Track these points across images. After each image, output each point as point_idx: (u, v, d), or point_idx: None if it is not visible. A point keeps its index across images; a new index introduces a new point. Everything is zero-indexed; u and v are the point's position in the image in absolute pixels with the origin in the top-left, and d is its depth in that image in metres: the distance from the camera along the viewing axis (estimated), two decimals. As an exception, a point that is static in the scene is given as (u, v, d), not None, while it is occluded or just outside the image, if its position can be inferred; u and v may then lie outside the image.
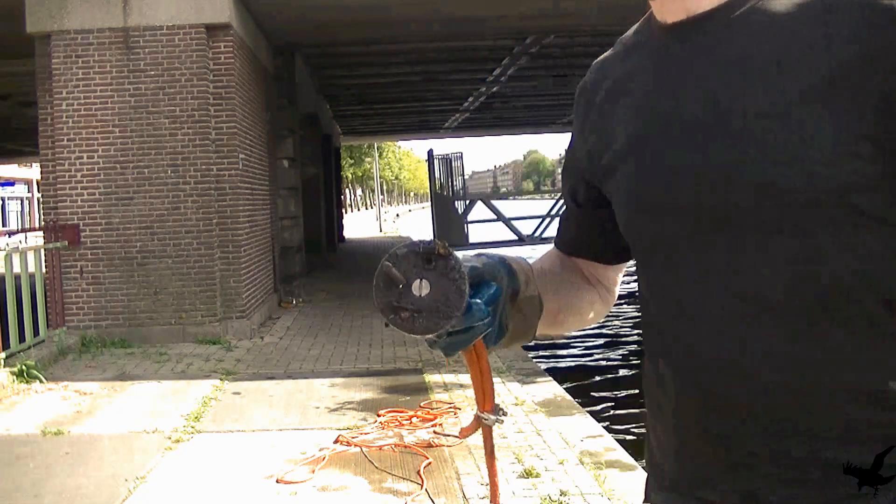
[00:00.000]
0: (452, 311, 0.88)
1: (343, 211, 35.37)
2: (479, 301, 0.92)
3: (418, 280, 0.90)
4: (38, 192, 22.52)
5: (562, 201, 1.27)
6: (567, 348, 12.75)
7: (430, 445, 5.40)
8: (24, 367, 7.56)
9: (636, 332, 12.93)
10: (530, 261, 1.12)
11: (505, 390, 6.79)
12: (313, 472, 4.99)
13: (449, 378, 7.34)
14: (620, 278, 1.24)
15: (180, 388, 7.38)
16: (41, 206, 11.17)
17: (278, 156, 13.81)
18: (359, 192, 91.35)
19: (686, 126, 0.90)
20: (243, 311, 10.09)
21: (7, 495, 4.79)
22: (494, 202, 23.33)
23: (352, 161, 62.38)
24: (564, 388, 7.18)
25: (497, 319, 0.95)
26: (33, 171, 41.81)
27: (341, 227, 30.12)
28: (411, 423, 5.96)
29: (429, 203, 23.54)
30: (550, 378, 7.45)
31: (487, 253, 1.00)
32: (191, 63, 9.81)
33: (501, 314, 0.96)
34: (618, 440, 5.69)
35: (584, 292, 1.20)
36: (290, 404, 6.70)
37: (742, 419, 0.86)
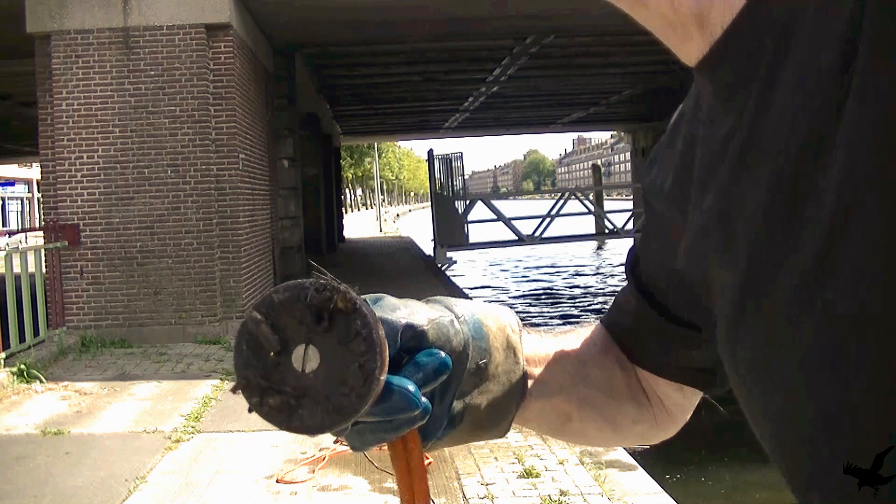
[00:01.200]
0: (352, 405, 0.57)
1: (343, 211, 35.39)
2: (405, 384, 0.60)
3: (303, 346, 0.58)
4: (38, 192, 22.54)
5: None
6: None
7: (430, 445, 5.40)
8: (24, 367, 7.56)
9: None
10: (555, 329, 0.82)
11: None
12: (313, 472, 4.99)
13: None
14: (694, 404, 0.82)
15: (180, 388, 7.38)
16: (41, 206, 11.18)
17: (278, 156, 13.82)
18: (359, 192, 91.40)
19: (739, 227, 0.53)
20: (243, 311, 10.09)
21: (7, 495, 4.79)
22: (494, 202, 23.35)
23: (352, 161, 62.41)
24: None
25: (446, 406, 0.65)
26: (33, 171, 41.82)
27: (341, 227, 30.13)
28: (411, 423, 5.96)
29: (429, 203, 23.55)
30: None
31: (448, 301, 0.68)
32: (191, 63, 9.81)
33: (453, 397, 0.65)
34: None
35: (625, 402, 0.80)
36: (290, 404, 6.70)
37: None
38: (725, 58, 0.54)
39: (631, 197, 30.70)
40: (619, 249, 31.21)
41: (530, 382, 0.73)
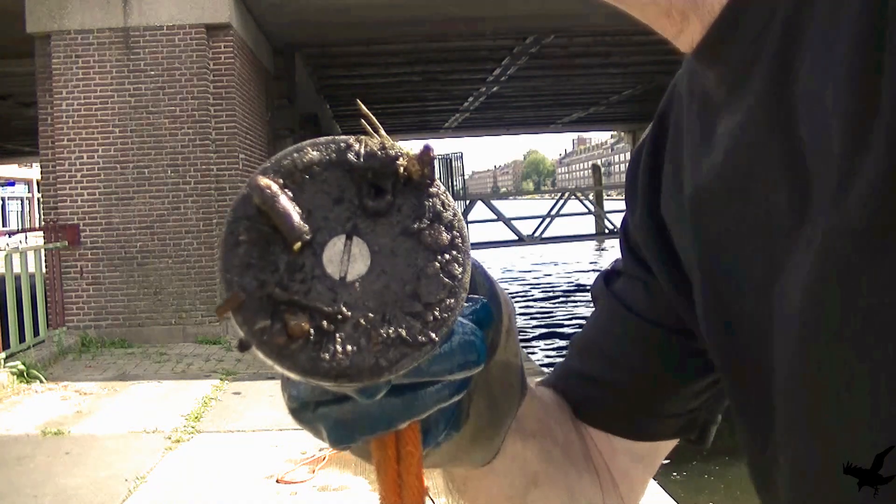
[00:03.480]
0: (426, 332, 0.37)
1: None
2: (468, 323, 0.42)
3: (341, 239, 0.38)
4: (38, 192, 22.55)
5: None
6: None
7: (430, 445, 5.40)
8: (24, 367, 7.56)
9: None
10: None
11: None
12: (313, 472, 4.99)
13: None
14: (644, 487, 0.70)
15: (180, 388, 7.38)
16: (41, 206, 11.18)
17: (278, 156, 13.81)
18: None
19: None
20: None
21: (7, 495, 4.79)
22: (494, 202, 23.35)
23: (352, 161, 62.39)
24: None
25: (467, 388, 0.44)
26: (33, 171, 41.81)
27: (341, 227, 30.06)
28: (411, 423, 5.96)
29: (429, 203, 23.51)
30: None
31: None
32: (191, 63, 9.81)
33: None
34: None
35: (584, 474, 0.66)
36: (290, 404, 6.69)
37: None
38: (728, 37, 0.48)
39: (631, 197, 30.55)
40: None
41: None
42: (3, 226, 42.75)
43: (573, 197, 24.20)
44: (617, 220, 24.33)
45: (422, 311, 0.37)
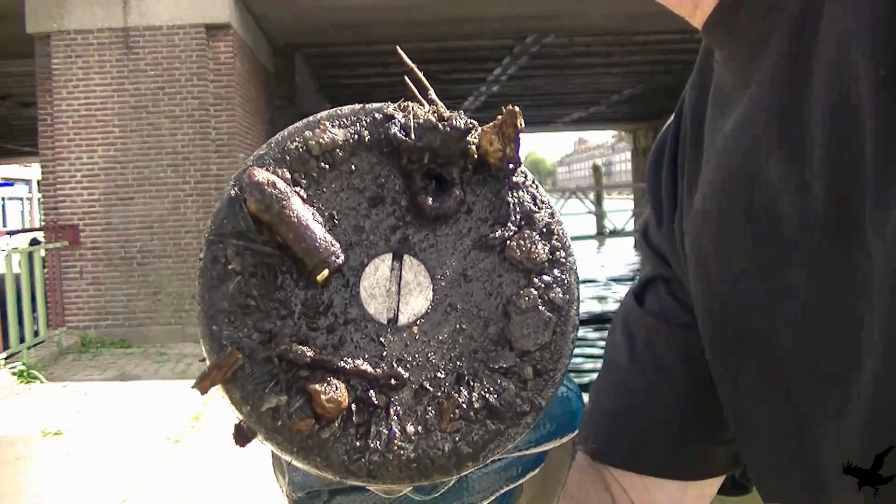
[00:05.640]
0: (525, 395, 0.25)
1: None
2: (570, 386, 0.34)
3: (388, 261, 0.25)
4: (38, 192, 22.55)
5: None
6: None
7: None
8: (24, 367, 7.56)
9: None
10: None
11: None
12: (313, 472, 5.00)
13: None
14: None
15: (180, 388, 7.38)
16: (41, 206, 11.18)
17: (278, 156, 13.80)
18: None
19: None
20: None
21: (7, 495, 4.79)
22: (495, 202, 23.33)
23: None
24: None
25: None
26: (33, 171, 41.81)
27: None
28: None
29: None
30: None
31: None
32: (191, 63, 9.81)
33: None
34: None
35: None
36: (290, 404, 6.69)
37: None
38: (739, 7, 0.45)
39: (631, 197, 30.68)
40: (620, 248, 31.19)
41: None
42: (3, 226, 42.75)
43: (573, 197, 24.22)
44: (617, 219, 24.35)
45: (517, 365, 0.24)
